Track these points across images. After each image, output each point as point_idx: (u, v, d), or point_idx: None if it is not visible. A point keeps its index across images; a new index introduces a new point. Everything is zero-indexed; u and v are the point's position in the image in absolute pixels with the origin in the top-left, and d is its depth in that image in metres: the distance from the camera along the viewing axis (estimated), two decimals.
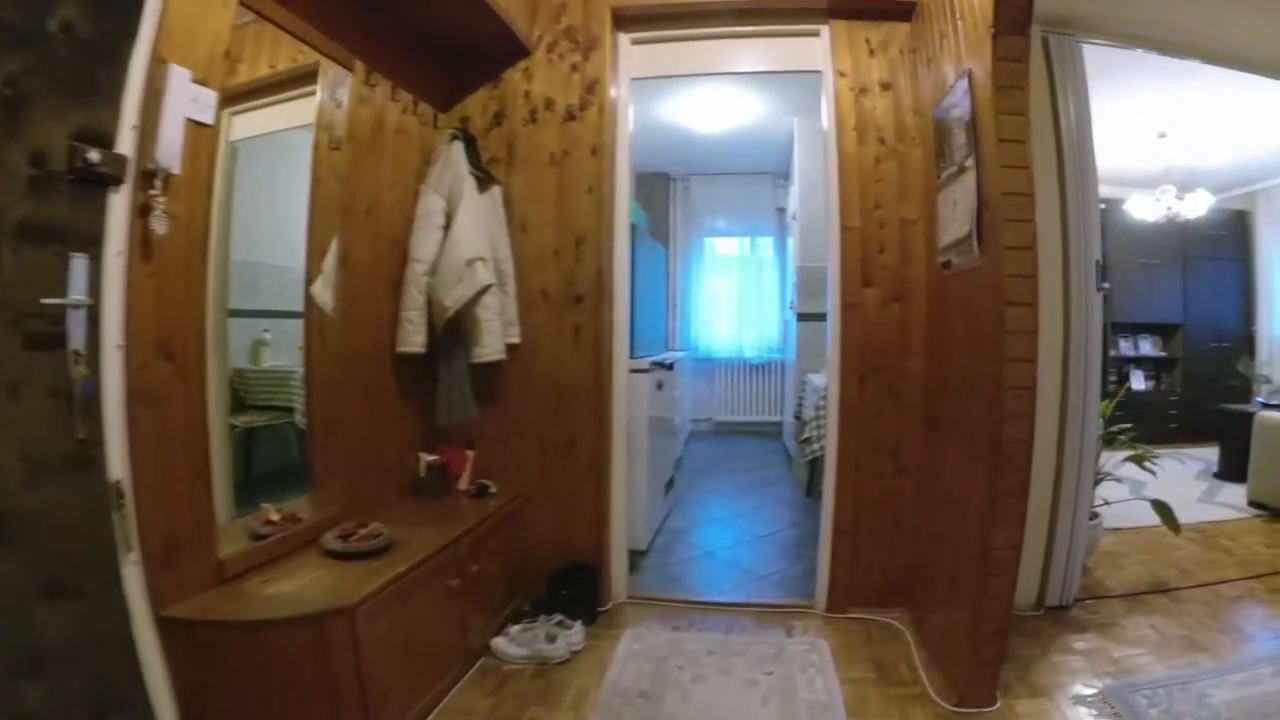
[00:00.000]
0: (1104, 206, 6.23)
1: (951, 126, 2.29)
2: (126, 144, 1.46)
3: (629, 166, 2.97)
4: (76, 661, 1.37)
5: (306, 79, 2.17)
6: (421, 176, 2.69)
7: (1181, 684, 2.22)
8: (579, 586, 2.75)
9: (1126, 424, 3.41)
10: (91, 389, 1.40)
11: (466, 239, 2.54)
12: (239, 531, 1.92)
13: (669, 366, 3.88)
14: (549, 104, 2.91)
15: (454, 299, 2.50)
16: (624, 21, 2.94)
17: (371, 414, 2.50)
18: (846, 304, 2.80)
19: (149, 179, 1.49)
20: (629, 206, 2.96)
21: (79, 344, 1.37)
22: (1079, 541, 2.85)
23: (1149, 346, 7.26)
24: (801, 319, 5.13)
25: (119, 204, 1.45)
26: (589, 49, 2.89)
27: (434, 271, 2.54)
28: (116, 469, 1.46)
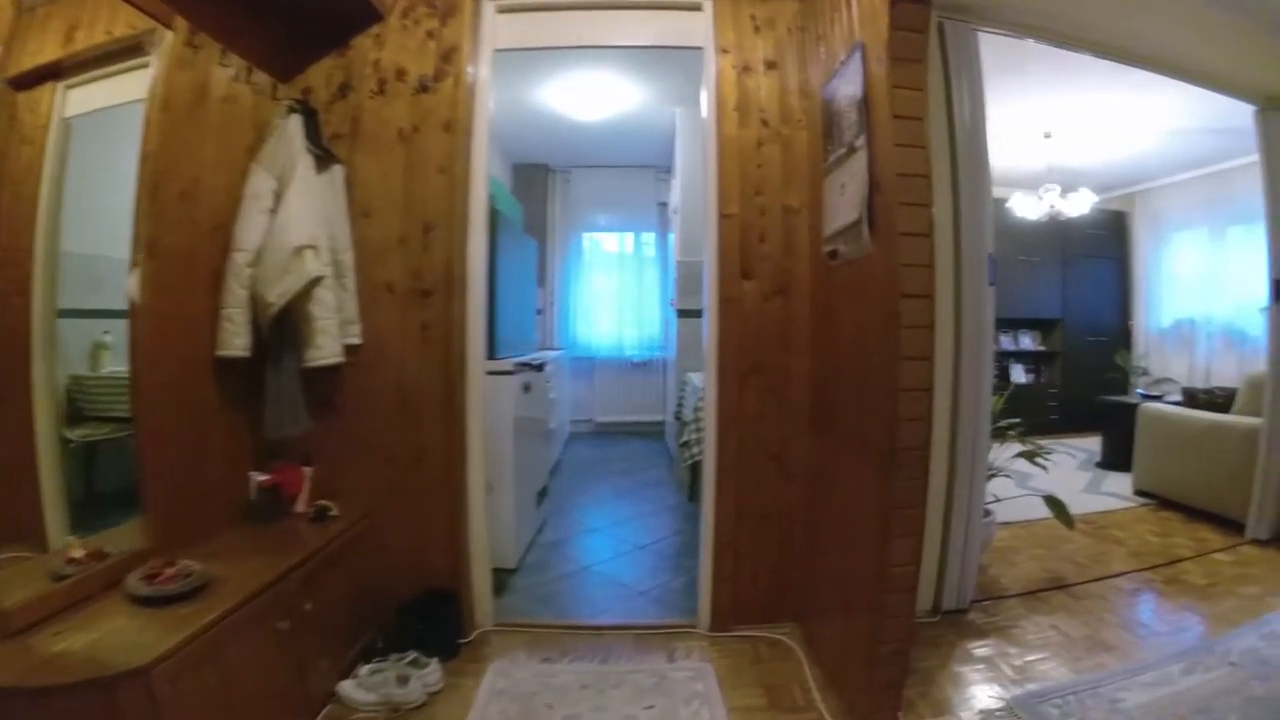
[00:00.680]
0: None
1: (841, 106, 2.12)
2: None
3: (488, 146, 2.67)
4: None
5: (142, 47, 1.93)
6: (255, 154, 2.33)
7: (1091, 689, 2.15)
8: (436, 617, 2.46)
9: (1015, 419, 3.38)
10: None
11: (295, 224, 2.19)
12: (39, 572, 1.63)
13: (539, 367, 3.60)
14: (400, 74, 2.59)
15: (279, 293, 2.15)
16: None
17: (189, 428, 2.13)
18: (724, 298, 2.61)
19: None
20: (487, 190, 2.67)
21: None
22: (974, 542, 2.77)
23: (1029, 341, 7.50)
24: (681, 315, 4.98)
25: None
26: (447, 14, 2.59)
27: (258, 262, 2.17)
28: None
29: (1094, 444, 5.94)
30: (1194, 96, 4.49)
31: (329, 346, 2.34)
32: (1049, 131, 5.40)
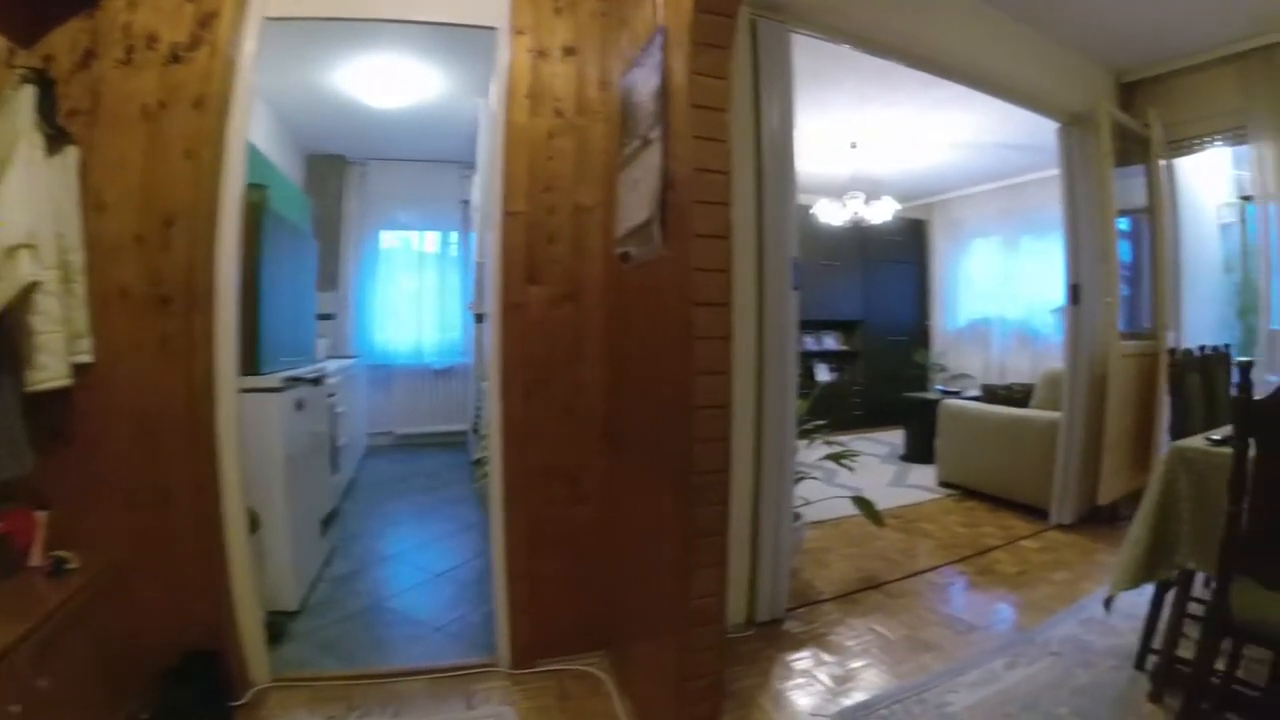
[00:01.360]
0: None
1: (640, 97, 1.95)
2: None
3: (247, 128, 2.27)
4: None
5: None
6: None
7: (916, 695, 2.13)
8: (203, 680, 2.07)
9: (821, 420, 3.42)
10: None
11: (10, 217, 1.73)
12: None
13: (316, 380, 3.19)
14: (152, 40, 2.15)
15: None
16: None
17: None
18: (509, 303, 2.37)
19: None
20: (243, 178, 2.28)
21: None
22: (785, 550, 2.73)
23: (832, 341, 7.86)
24: (480, 320, 4.65)
25: None
26: None
27: None
28: None
29: (897, 437, 6.27)
30: (992, 115, 4.90)
31: (54, 366, 1.88)
32: (855, 142, 5.62)
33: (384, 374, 6.54)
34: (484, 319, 4.33)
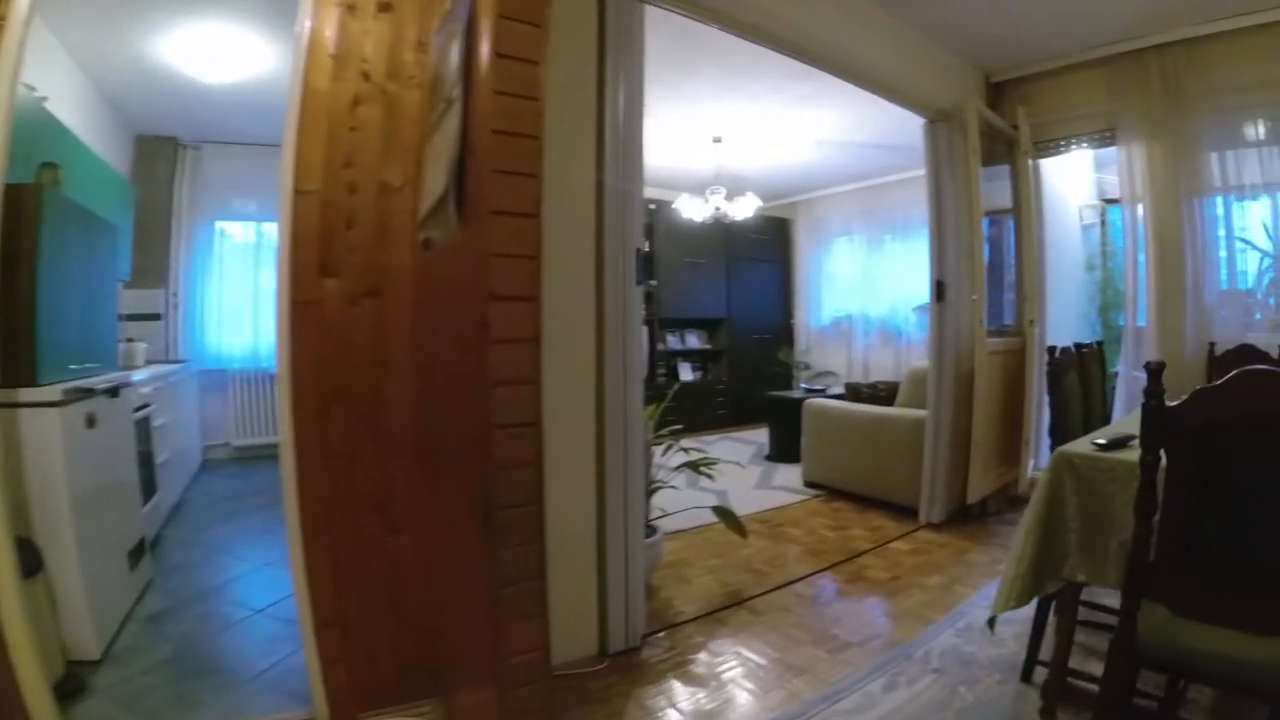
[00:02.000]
0: (654, 206, 6.56)
1: (449, 50, 1.62)
2: None
3: (13, 96, 1.76)
4: None
5: None
6: None
7: None
8: None
9: (678, 425, 3.22)
10: None
11: None
12: None
13: (112, 391, 2.65)
14: None
15: None
16: None
17: None
18: (299, 300, 1.97)
19: None
20: (6, 156, 1.78)
21: None
22: (638, 570, 2.48)
23: (695, 340, 7.76)
24: None
25: None
26: None
27: None
28: None
29: (762, 435, 6.17)
30: (857, 113, 4.86)
31: None
32: (719, 136, 5.49)
33: (219, 380, 5.84)
34: None
